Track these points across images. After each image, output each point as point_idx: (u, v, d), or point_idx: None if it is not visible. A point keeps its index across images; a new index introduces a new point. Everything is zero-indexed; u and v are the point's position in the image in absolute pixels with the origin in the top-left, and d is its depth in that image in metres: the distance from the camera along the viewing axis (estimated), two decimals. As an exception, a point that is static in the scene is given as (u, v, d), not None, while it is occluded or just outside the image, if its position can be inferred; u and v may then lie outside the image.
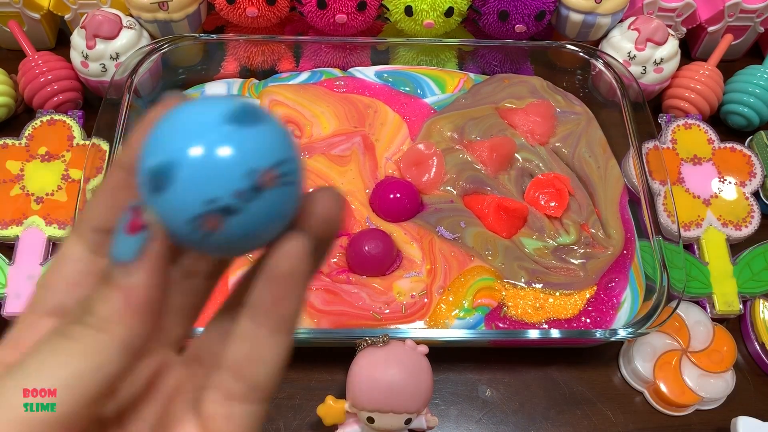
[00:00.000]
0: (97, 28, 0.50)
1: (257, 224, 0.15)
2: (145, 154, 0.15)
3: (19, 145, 0.49)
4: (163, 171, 0.14)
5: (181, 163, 0.14)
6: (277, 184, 0.14)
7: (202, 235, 0.14)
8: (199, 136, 0.14)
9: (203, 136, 0.14)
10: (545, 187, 0.48)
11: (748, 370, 0.45)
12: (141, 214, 0.15)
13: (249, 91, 0.53)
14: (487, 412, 0.43)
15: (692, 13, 0.56)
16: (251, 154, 0.14)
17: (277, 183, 0.14)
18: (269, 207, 0.14)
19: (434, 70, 0.55)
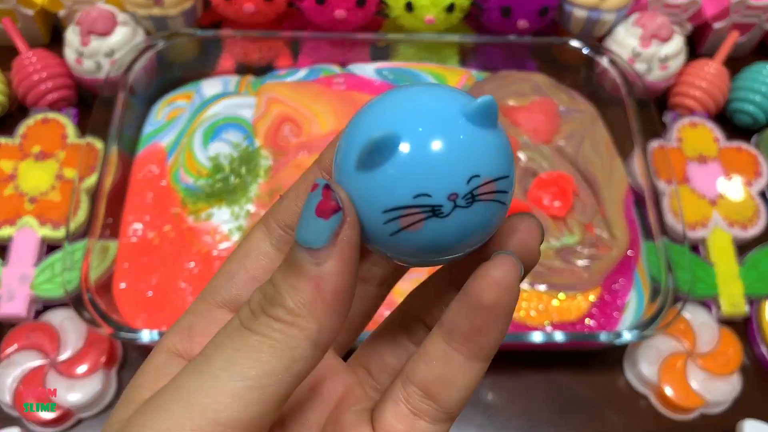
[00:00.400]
0: (92, 24, 0.49)
1: (456, 235, 0.13)
2: (359, 128, 0.13)
3: (13, 144, 0.48)
4: (385, 144, 0.13)
5: (408, 142, 0.13)
6: (490, 198, 0.13)
7: (395, 232, 0.13)
8: (435, 122, 0.13)
9: (440, 124, 0.13)
10: (549, 186, 0.47)
11: (754, 372, 0.44)
12: (333, 195, 0.13)
13: (246, 89, 0.52)
14: (489, 416, 0.42)
15: (698, 9, 0.55)
16: (480, 160, 0.13)
17: (492, 197, 0.13)
18: (474, 220, 0.13)
19: (435, 67, 0.54)
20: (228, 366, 0.13)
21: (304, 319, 0.13)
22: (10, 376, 0.39)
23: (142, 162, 0.48)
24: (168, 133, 0.50)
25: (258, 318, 0.13)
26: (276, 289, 0.13)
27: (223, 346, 0.13)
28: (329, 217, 0.13)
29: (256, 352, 0.13)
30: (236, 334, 0.13)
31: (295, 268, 0.13)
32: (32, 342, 0.40)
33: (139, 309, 0.42)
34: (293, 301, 0.13)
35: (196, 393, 0.12)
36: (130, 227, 0.45)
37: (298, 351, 0.13)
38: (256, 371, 0.13)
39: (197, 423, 0.12)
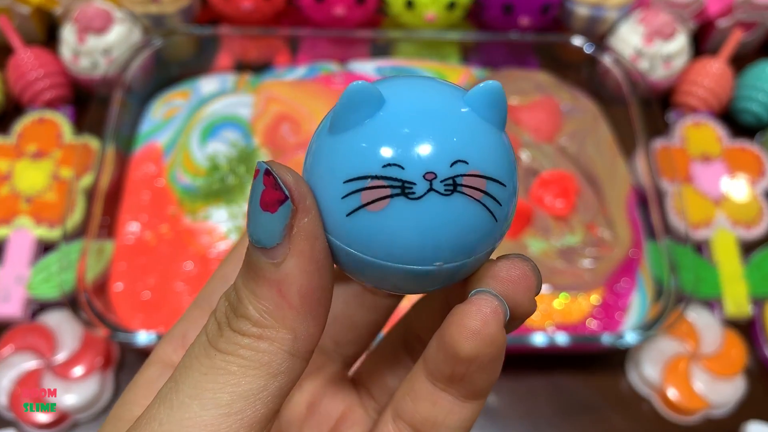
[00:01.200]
0: (88, 22, 0.48)
1: (426, 231, 0.11)
2: (354, 88, 0.11)
3: (8, 144, 0.47)
4: (365, 99, 0.11)
5: (392, 105, 0.11)
6: (476, 197, 0.11)
7: (354, 210, 0.11)
8: (431, 96, 0.11)
9: (436, 98, 0.11)
10: (551, 185, 0.47)
11: (758, 374, 0.44)
12: (276, 182, 0.11)
13: (244, 87, 0.52)
14: (490, 419, 0.42)
15: (701, 7, 0.54)
16: (472, 147, 0.11)
17: (478, 196, 0.11)
18: (451, 219, 0.11)
19: (436, 65, 0.53)
20: (197, 393, 0.11)
21: (273, 330, 0.11)
22: (5, 377, 0.39)
23: (139, 161, 0.48)
24: (165, 131, 0.49)
25: (224, 334, 0.12)
26: (238, 296, 0.12)
27: (191, 370, 0.11)
28: (276, 209, 0.11)
29: (225, 374, 0.11)
30: (203, 354, 0.12)
31: (252, 271, 0.11)
32: (28, 343, 0.40)
33: (136, 310, 0.41)
34: (256, 310, 0.11)
35: (168, 426, 0.11)
36: (126, 227, 0.44)
37: (273, 366, 0.11)
38: (229, 396, 0.11)
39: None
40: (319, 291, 0.12)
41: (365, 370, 0.16)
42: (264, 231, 0.11)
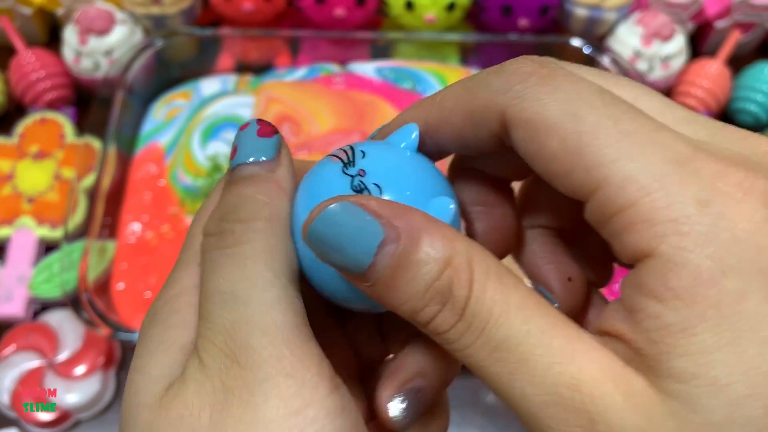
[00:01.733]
0: (90, 23, 0.49)
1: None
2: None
3: (11, 144, 0.48)
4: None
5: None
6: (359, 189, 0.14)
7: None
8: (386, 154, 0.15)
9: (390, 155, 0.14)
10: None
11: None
12: (268, 123, 0.15)
13: (245, 88, 0.52)
14: (490, 417, 0.42)
15: (699, 8, 0.55)
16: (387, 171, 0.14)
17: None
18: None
19: (436, 66, 0.54)
20: (251, 282, 0.13)
21: (276, 215, 0.14)
22: (7, 377, 0.39)
23: (141, 161, 0.48)
24: (166, 132, 0.49)
25: (234, 231, 0.14)
26: (236, 199, 0.14)
27: (224, 268, 0.13)
28: (272, 137, 0.15)
29: (256, 257, 0.13)
30: (224, 255, 0.14)
31: (250, 180, 0.14)
32: (30, 343, 0.40)
33: (138, 309, 0.41)
34: (262, 202, 0.14)
35: (249, 314, 0.13)
36: (128, 227, 0.45)
37: (286, 241, 0.14)
38: (271, 273, 0.13)
39: (280, 337, 0.13)
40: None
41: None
42: (260, 151, 0.14)
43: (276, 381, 0.12)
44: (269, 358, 0.12)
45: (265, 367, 0.12)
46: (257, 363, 0.12)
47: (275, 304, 0.13)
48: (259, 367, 0.12)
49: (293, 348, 0.12)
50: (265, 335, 0.12)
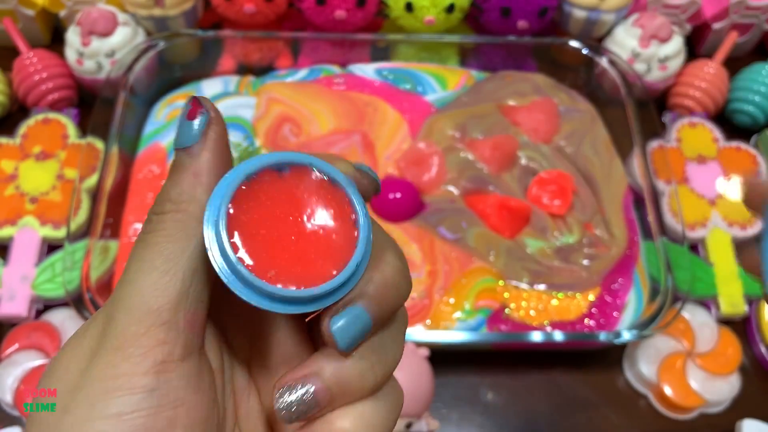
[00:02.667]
0: (93, 25, 0.49)
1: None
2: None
3: (14, 145, 0.48)
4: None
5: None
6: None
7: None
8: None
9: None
10: (548, 184, 0.47)
11: (753, 372, 0.44)
12: (200, 102, 0.16)
13: (246, 89, 0.52)
14: (488, 416, 0.42)
15: (697, 9, 0.55)
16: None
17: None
18: None
19: (435, 68, 0.54)
20: (140, 266, 0.15)
21: (186, 203, 0.15)
22: (11, 375, 0.39)
23: (143, 162, 0.48)
24: (169, 133, 0.50)
25: (152, 219, 0.15)
26: (162, 190, 0.16)
27: (134, 253, 0.15)
28: (197, 117, 0.15)
29: (155, 245, 0.15)
30: (140, 239, 0.15)
31: (175, 167, 0.16)
32: (33, 342, 0.41)
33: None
34: (175, 192, 0.15)
35: (128, 297, 0.15)
36: (130, 227, 0.45)
37: (188, 230, 0.15)
38: (161, 259, 0.15)
39: (136, 317, 0.15)
40: (219, 176, 0.15)
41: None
42: (187, 136, 0.15)
43: (120, 350, 0.14)
44: (123, 331, 0.15)
45: (118, 337, 0.15)
46: (113, 333, 0.15)
47: (149, 287, 0.15)
48: (114, 336, 0.15)
49: (148, 325, 0.15)
50: (128, 313, 0.15)
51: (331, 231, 0.15)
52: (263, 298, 0.14)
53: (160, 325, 0.14)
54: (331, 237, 0.15)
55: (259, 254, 0.14)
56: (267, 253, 0.15)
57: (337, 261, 0.15)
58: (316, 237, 0.15)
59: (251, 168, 0.15)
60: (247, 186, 0.15)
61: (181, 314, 0.15)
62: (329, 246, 0.15)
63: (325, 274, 0.15)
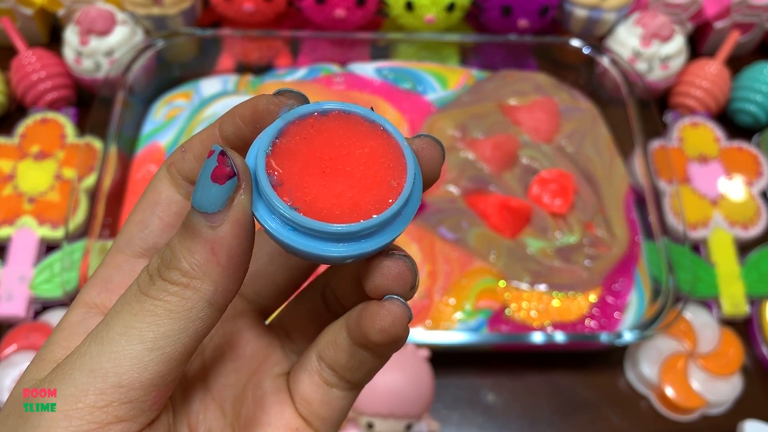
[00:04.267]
0: (91, 24, 0.49)
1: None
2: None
3: (12, 144, 0.48)
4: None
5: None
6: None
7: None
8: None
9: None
10: (549, 183, 0.47)
11: (755, 373, 0.44)
12: (228, 161, 0.14)
13: (245, 88, 0.52)
14: (489, 417, 0.42)
15: (698, 8, 0.55)
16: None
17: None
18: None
19: (435, 67, 0.54)
20: (126, 331, 0.13)
21: (199, 281, 0.14)
22: (9, 376, 0.39)
23: (141, 161, 0.48)
24: (167, 132, 0.49)
25: (155, 283, 0.14)
26: (173, 252, 0.14)
27: (122, 312, 0.14)
28: (224, 183, 0.13)
29: (152, 315, 0.13)
30: (134, 299, 0.14)
31: (191, 231, 0.14)
32: (31, 342, 0.40)
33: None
34: (188, 263, 0.13)
35: (98, 359, 0.13)
36: (129, 227, 0.45)
37: (194, 312, 0.13)
38: (153, 334, 0.13)
39: (99, 387, 0.13)
40: (243, 255, 0.14)
41: (285, 317, 0.18)
42: (209, 199, 0.13)
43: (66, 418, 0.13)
44: (78, 398, 0.13)
45: (68, 401, 0.13)
46: (66, 393, 0.13)
47: (128, 359, 0.13)
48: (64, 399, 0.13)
49: (110, 400, 0.13)
50: (92, 378, 0.13)
51: (379, 160, 0.15)
52: (337, 244, 0.14)
53: (124, 403, 0.13)
54: (381, 165, 0.15)
55: (316, 203, 0.14)
56: (322, 199, 0.14)
57: (392, 188, 0.15)
58: (367, 171, 0.15)
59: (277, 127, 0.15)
60: (278, 146, 0.15)
61: (153, 395, 0.13)
62: (381, 175, 0.15)
63: (383, 202, 0.15)
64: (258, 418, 0.16)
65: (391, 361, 0.36)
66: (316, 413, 0.16)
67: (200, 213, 0.14)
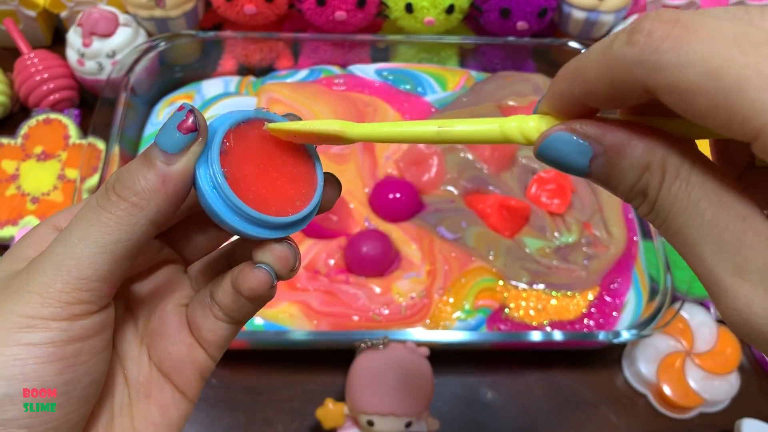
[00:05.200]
0: (94, 25, 0.49)
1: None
2: None
3: (15, 145, 0.48)
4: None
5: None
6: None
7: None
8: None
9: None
10: (548, 183, 0.48)
11: (752, 372, 0.44)
12: (194, 119, 0.17)
13: (247, 89, 0.53)
14: (488, 415, 0.42)
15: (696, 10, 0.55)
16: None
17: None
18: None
19: (435, 68, 0.54)
20: (84, 236, 0.17)
21: (146, 202, 0.17)
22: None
23: (144, 162, 0.48)
24: (169, 133, 0.50)
25: (110, 198, 0.17)
26: (129, 173, 0.17)
27: (82, 220, 0.17)
28: (187, 134, 0.17)
29: (105, 226, 0.17)
30: (91, 212, 0.17)
31: (148, 161, 0.17)
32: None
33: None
34: (141, 186, 0.17)
35: (62, 257, 0.17)
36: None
37: (138, 226, 0.17)
38: (105, 240, 0.17)
39: (65, 279, 0.17)
40: (183, 191, 0.17)
41: (197, 266, 0.22)
42: (171, 142, 0.17)
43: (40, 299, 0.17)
44: (47, 287, 0.17)
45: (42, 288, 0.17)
46: (37, 282, 0.17)
47: (86, 259, 0.17)
48: (38, 285, 0.17)
49: (73, 289, 0.17)
50: (58, 272, 0.17)
51: (298, 174, 0.19)
52: (246, 223, 0.17)
53: (85, 291, 0.17)
54: (298, 178, 0.19)
55: (243, 187, 0.17)
56: (249, 186, 0.18)
57: (302, 197, 0.19)
58: (287, 178, 0.18)
59: (236, 118, 0.18)
60: (233, 132, 0.18)
61: (107, 286, 0.17)
62: (296, 184, 0.19)
63: (292, 207, 0.18)
64: (161, 332, 0.20)
65: (391, 359, 0.37)
66: (204, 337, 0.20)
67: (160, 150, 0.17)
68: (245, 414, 0.41)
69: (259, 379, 0.42)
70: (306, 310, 0.42)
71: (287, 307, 0.42)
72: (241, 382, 0.42)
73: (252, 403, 0.42)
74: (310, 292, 0.42)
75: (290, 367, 0.43)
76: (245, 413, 0.41)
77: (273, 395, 0.42)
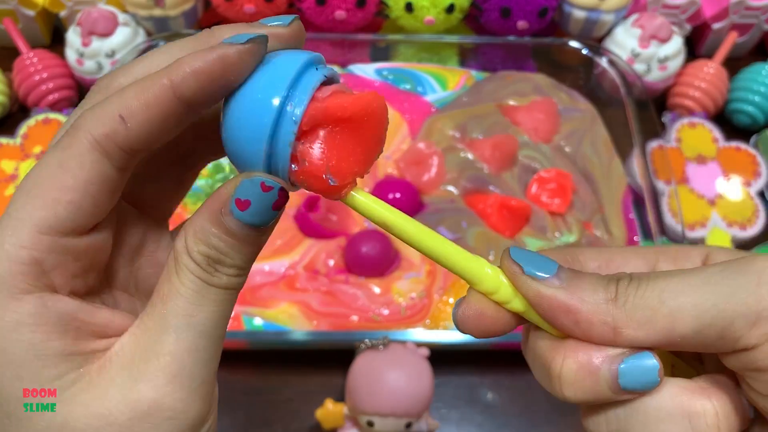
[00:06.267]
0: (93, 25, 0.49)
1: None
2: None
3: (14, 145, 0.48)
4: None
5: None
6: None
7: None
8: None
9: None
10: (548, 182, 0.47)
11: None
12: (286, 194, 0.17)
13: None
14: (489, 415, 0.42)
15: (696, 10, 0.55)
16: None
17: None
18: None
19: (435, 68, 0.54)
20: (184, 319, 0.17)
21: (244, 278, 0.18)
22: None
23: (143, 162, 0.48)
24: (169, 133, 0.50)
25: (215, 274, 0.17)
26: (227, 255, 0.17)
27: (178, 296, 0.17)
28: (278, 209, 0.17)
29: (212, 303, 0.17)
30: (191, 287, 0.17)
31: (245, 241, 0.17)
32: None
33: (140, 308, 0.42)
34: (244, 261, 0.17)
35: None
36: (130, 227, 0.45)
37: (233, 300, 0.18)
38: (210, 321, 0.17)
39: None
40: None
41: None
42: (264, 219, 0.17)
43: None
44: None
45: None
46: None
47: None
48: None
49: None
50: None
51: None
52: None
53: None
54: None
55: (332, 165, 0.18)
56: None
57: None
58: None
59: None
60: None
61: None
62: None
63: None
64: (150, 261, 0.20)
65: (391, 359, 0.37)
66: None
67: (253, 228, 0.17)
68: (245, 414, 0.41)
69: (259, 380, 0.42)
70: (306, 310, 0.41)
71: (287, 308, 0.42)
72: (240, 383, 0.42)
73: (251, 404, 0.42)
74: (309, 292, 0.42)
75: (290, 368, 0.43)
76: (245, 413, 0.41)
77: (272, 395, 0.42)
